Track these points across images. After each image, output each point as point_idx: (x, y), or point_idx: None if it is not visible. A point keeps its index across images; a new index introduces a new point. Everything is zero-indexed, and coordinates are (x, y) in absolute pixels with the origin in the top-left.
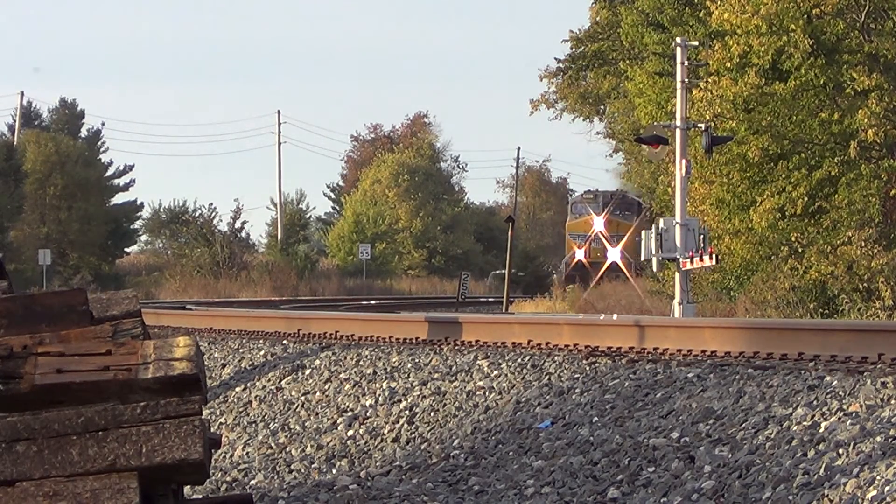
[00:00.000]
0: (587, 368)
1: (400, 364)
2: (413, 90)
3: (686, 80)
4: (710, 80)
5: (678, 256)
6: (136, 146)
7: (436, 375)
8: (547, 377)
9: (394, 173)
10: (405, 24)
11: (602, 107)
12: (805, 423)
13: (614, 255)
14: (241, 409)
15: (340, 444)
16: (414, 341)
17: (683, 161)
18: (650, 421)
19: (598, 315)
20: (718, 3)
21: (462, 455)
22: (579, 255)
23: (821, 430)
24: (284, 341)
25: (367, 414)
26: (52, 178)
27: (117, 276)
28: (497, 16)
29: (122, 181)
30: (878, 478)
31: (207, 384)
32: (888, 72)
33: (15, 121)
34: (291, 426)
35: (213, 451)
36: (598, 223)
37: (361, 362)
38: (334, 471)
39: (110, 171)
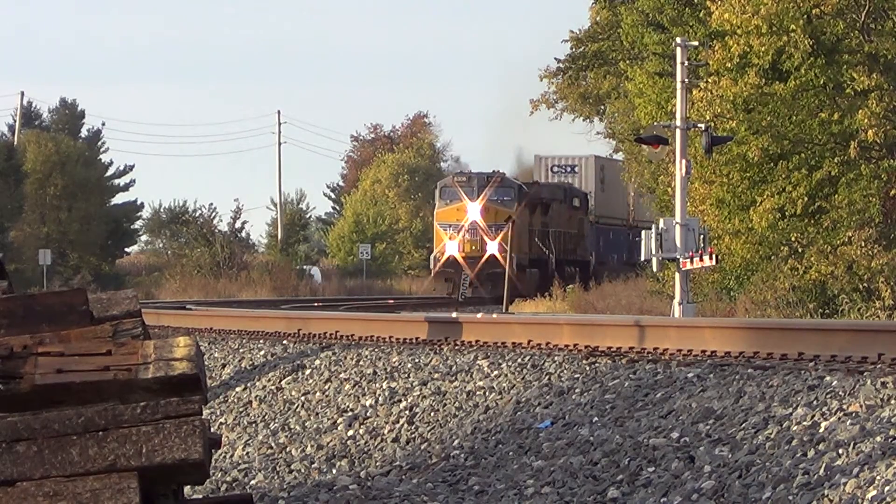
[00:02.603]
0: (587, 368)
1: (400, 364)
2: (413, 90)
3: (686, 80)
4: (710, 80)
5: (678, 256)
6: (136, 146)
7: (436, 375)
8: (547, 377)
9: (394, 173)
10: (405, 24)
11: (602, 107)
12: (805, 423)
13: (493, 248)
14: (241, 409)
15: (340, 444)
16: (414, 341)
17: (683, 161)
18: (650, 421)
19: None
20: (718, 3)
21: (462, 455)
22: (451, 248)
23: (821, 430)
24: (284, 341)
25: (367, 414)
26: (52, 178)
27: (117, 276)
28: (497, 16)
29: (122, 181)
30: (878, 478)
31: (207, 384)
32: (888, 72)
33: (15, 121)
34: (291, 426)
35: (213, 451)
36: (474, 210)
37: (361, 362)
38: (334, 471)
39: (110, 171)
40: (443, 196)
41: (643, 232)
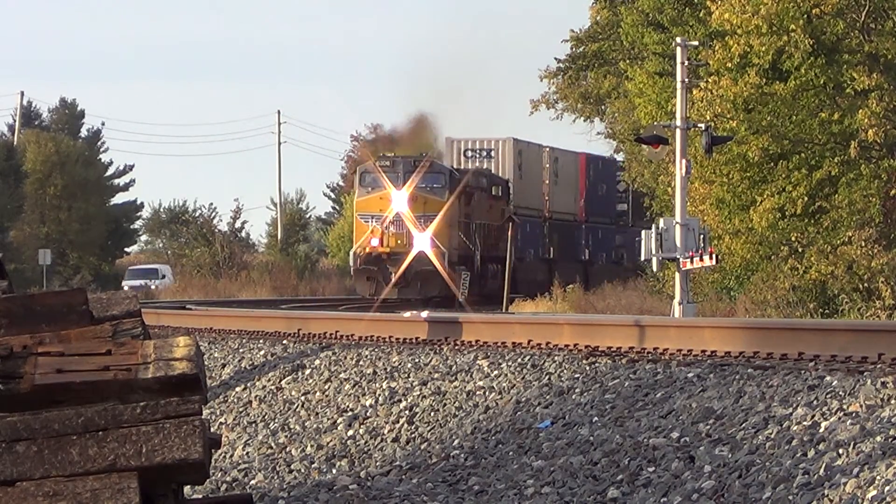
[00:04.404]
0: (587, 368)
1: (400, 364)
2: (413, 90)
3: (686, 80)
4: (710, 80)
5: (678, 256)
6: (136, 146)
7: (436, 375)
8: (547, 377)
9: None
10: (405, 24)
11: (602, 107)
12: (805, 423)
13: (422, 242)
14: (241, 409)
15: (340, 444)
16: (414, 341)
17: (683, 161)
18: (650, 421)
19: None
20: (718, 3)
21: (462, 455)
22: (374, 243)
23: (821, 430)
24: (284, 341)
25: (367, 414)
26: (52, 178)
27: (117, 276)
28: (497, 15)
29: (122, 181)
30: (878, 478)
31: (207, 384)
32: (888, 72)
33: (15, 121)
34: (291, 426)
35: (213, 451)
36: (399, 199)
37: (361, 362)
38: (334, 471)
39: (110, 171)
40: (363, 182)
41: (643, 232)
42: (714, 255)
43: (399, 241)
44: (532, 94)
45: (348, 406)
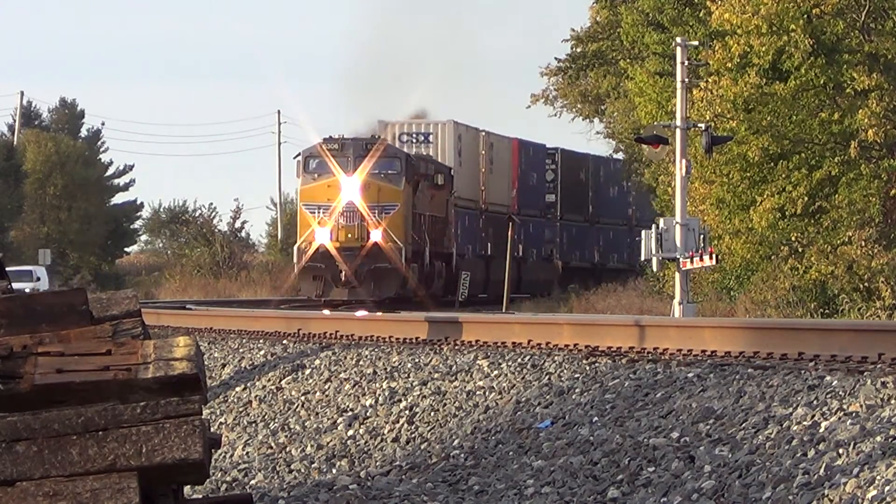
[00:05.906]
0: (587, 368)
1: (400, 364)
2: (412, 89)
3: (686, 79)
4: (710, 80)
5: (678, 256)
6: (136, 146)
7: (436, 375)
8: (547, 377)
9: None
10: (405, 23)
11: (602, 106)
12: (805, 423)
13: (377, 236)
14: (241, 409)
15: (340, 443)
16: (414, 341)
17: (683, 161)
18: (650, 421)
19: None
20: (719, 3)
21: (462, 455)
22: (321, 236)
23: (821, 430)
24: (284, 341)
25: (367, 414)
26: (52, 178)
27: (117, 276)
28: (496, 15)
29: (122, 181)
30: (878, 478)
31: (207, 384)
32: (888, 72)
33: (15, 121)
34: (291, 426)
35: (213, 451)
36: (350, 187)
37: (361, 362)
38: (334, 471)
39: (110, 171)
40: (308, 168)
41: (643, 231)
42: (714, 255)
43: (350, 235)
44: (530, 93)
45: (348, 406)
